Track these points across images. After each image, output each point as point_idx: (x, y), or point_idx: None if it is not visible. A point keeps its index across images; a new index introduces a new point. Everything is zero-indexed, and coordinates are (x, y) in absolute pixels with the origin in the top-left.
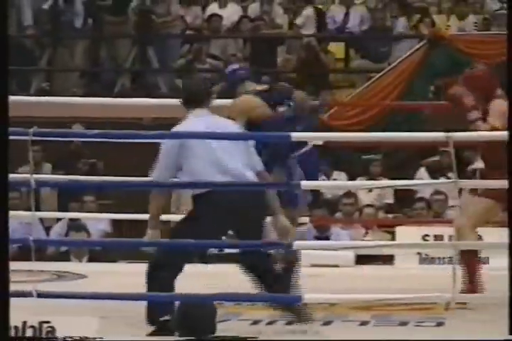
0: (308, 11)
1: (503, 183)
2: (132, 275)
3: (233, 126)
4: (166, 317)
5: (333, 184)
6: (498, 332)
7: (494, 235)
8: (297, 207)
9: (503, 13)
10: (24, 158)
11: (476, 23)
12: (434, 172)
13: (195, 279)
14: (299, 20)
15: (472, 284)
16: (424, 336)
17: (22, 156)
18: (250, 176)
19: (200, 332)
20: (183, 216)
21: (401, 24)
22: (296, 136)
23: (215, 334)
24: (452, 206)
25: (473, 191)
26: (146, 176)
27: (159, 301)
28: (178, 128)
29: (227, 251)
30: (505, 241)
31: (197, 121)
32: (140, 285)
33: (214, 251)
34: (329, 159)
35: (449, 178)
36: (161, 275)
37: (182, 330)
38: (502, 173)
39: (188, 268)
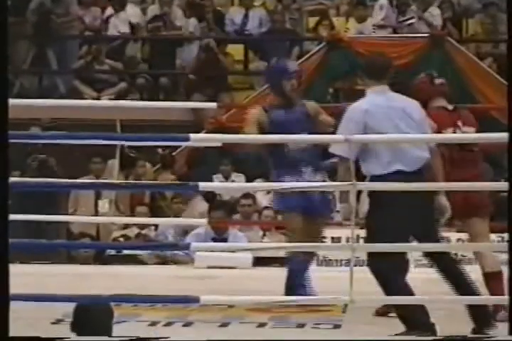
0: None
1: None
2: (24, 276)
3: (413, 104)
4: None
5: (231, 185)
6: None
7: None
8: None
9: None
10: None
11: (374, 26)
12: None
13: (93, 280)
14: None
15: None
16: (320, 338)
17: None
18: (427, 158)
19: (95, 333)
20: None
21: (192, 24)
22: (194, 137)
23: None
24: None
25: None
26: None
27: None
28: (360, 103)
29: (125, 252)
30: (401, 244)
31: (378, 96)
32: (33, 286)
33: (112, 251)
34: (228, 161)
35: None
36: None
37: (76, 331)
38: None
39: (84, 269)
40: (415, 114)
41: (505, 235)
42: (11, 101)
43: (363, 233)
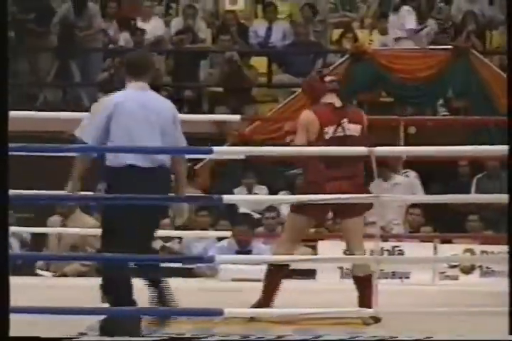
0: None
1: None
2: (53, 289)
3: (167, 104)
4: None
5: (255, 198)
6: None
7: (415, 250)
8: None
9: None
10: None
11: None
12: None
13: None
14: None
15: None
16: None
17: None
18: (166, 161)
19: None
20: None
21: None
22: (217, 150)
23: None
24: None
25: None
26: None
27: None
28: (114, 96)
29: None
30: (425, 256)
31: (135, 92)
32: (59, 299)
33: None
34: (251, 173)
35: None
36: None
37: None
38: (318, 188)
39: None
40: (168, 113)
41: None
42: (35, 114)
43: (387, 245)
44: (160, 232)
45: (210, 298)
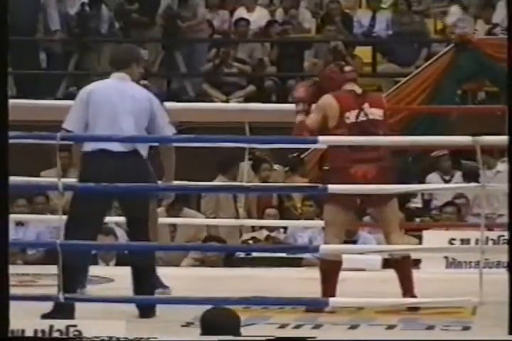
0: None
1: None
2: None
3: (144, 94)
4: None
5: (362, 188)
6: None
7: None
8: None
9: None
10: (50, 162)
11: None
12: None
13: (223, 283)
14: None
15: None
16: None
17: (48, 160)
18: (138, 146)
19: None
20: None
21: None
22: (323, 139)
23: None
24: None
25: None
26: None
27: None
28: (92, 84)
29: (254, 254)
30: None
31: (111, 81)
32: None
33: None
34: None
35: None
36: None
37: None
38: (344, 173)
39: (215, 271)
40: (145, 102)
41: None
42: None
43: (492, 235)
44: (265, 222)
45: (315, 287)
